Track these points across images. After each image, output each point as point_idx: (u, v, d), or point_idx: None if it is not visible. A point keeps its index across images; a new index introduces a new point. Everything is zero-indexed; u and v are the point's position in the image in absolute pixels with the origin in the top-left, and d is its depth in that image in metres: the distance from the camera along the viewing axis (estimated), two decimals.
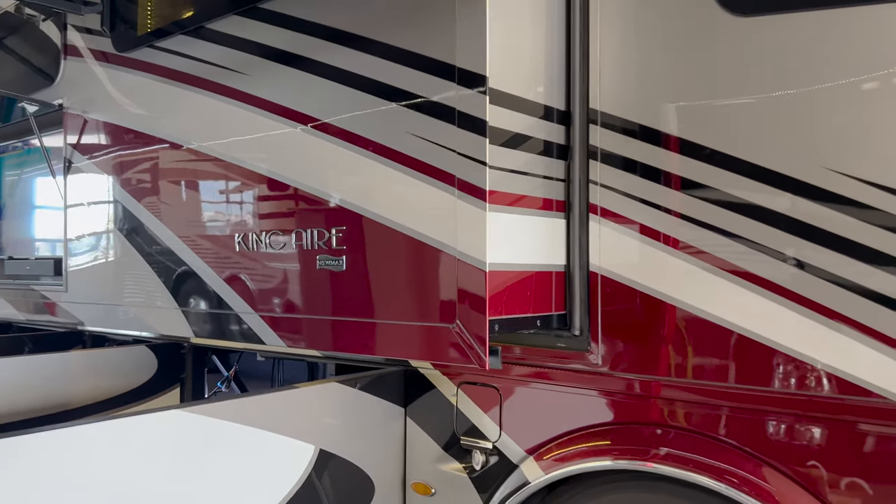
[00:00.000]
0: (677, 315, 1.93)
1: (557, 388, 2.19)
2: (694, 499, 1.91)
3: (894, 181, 1.61)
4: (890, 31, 1.63)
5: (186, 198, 2.67)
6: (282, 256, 2.30)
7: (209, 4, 2.54)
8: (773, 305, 1.77)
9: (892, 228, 1.61)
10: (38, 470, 1.67)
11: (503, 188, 1.92)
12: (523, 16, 1.99)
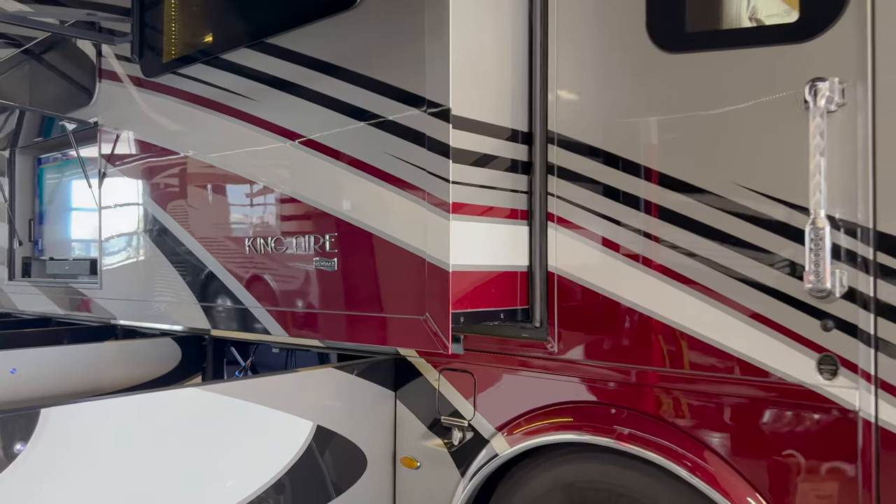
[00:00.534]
0: (620, 309, 2.24)
1: (522, 372, 2.51)
2: (634, 468, 2.22)
3: (781, 193, 1.91)
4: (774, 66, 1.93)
5: (203, 205, 3.04)
6: (284, 258, 2.66)
7: (223, 37, 2.91)
8: (696, 301, 2.08)
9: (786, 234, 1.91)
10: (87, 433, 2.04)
11: (467, 200, 2.26)
12: (488, 51, 2.32)
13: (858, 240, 1.81)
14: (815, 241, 1.81)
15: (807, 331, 1.88)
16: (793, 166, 1.88)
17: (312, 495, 2.61)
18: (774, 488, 1.95)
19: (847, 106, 1.83)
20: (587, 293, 2.32)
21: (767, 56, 1.97)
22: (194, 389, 2.39)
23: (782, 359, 1.92)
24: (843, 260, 1.82)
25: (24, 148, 4.41)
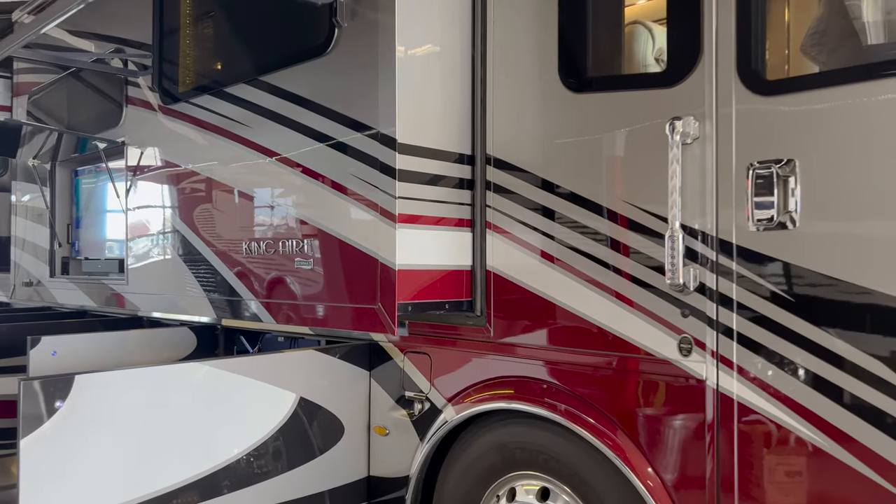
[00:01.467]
0: (540, 301, 2.74)
1: (467, 353, 3.02)
2: (548, 429, 2.72)
3: (653, 207, 2.40)
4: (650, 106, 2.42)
5: (208, 213, 3.60)
6: (273, 258, 3.21)
7: (225, 74, 3.47)
8: (595, 295, 2.57)
9: (656, 240, 2.39)
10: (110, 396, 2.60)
11: (417, 212, 2.78)
12: (434, 91, 2.83)
13: (706, 245, 2.29)
14: (673, 246, 2.30)
15: (671, 317, 2.37)
16: (661, 186, 2.37)
17: (299, 452, 3.15)
18: (650, 441, 2.44)
19: (700, 139, 2.31)
20: (516, 288, 2.82)
21: (645, 98, 2.45)
22: (201, 364, 2.95)
23: (655, 340, 2.41)
24: (696, 261, 2.31)
25: (63, 162, 5.05)
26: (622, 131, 2.50)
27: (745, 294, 2.20)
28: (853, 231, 1.99)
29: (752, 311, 2.18)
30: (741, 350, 2.21)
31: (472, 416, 2.95)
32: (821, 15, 2.31)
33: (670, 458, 2.38)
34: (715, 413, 2.27)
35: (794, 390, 2.10)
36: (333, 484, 3.30)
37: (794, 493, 2.11)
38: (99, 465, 2.58)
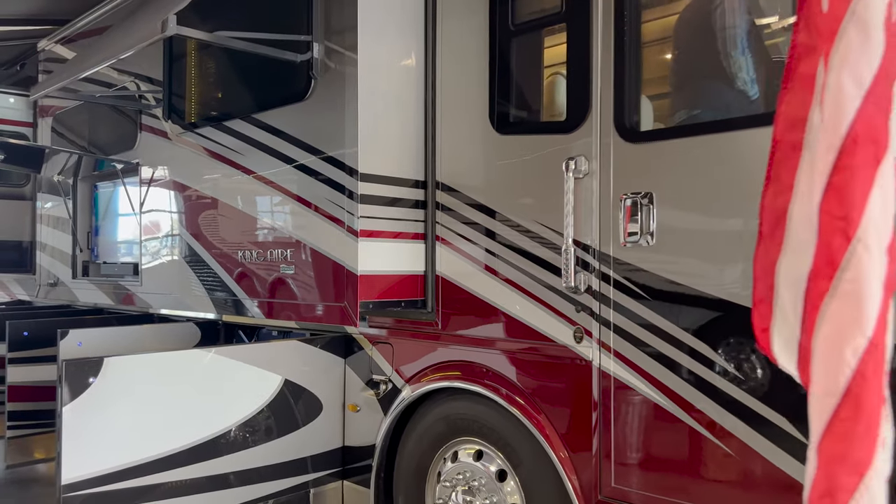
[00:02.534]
0: (476, 300, 3.41)
1: (422, 342, 3.69)
2: (482, 402, 3.38)
3: (555, 225, 3.07)
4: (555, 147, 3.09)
5: (209, 224, 4.29)
6: (263, 264, 3.89)
7: (224, 110, 4.16)
8: (516, 295, 3.24)
9: (557, 252, 3.06)
10: (132, 374, 3.28)
11: (377, 228, 3.46)
12: (392, 130, 3.51)
13: (591, 256, 2.96)
14: (567, 256, 2.97)
15: (569, 312, 3.04)
16: (560, 209, 3.03)
17: (284, 424, 3.82)
18: (553, 408, 3.11)
19: (588, 174, 2.98)
20: (459, 290, 3.50)
21: (551, 140, 3.13)
22: (205, 351, 3.64)
23: (558, 330, 3.08)
24: (585, 269, 2.98)
25: (84, 178, 5.75)
26: (534, 165, 3.18)
27: (618, 294, 2.87)
28: (689, 246, 2.67)
29: (623, 307, 2.85)
30: (616, 338, 2.88)
31: (424, 393, 3.63)
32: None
33: (567, 420, 3.06)
34: (598, 386, 2.95)
35: (650, 367, 2.77)
36: (314, 451, 3.98)
37: (649, 439, 2.78)
38: (122, 428, 3.26)
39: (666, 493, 2.74)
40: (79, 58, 3.99)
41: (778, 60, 2.77)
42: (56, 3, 5.85)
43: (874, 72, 1.16)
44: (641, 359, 2.80)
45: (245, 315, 4.08)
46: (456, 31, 3.52)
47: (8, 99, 7.60)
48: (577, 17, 3.02)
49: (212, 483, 3.54)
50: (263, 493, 3.76)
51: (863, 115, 1.15)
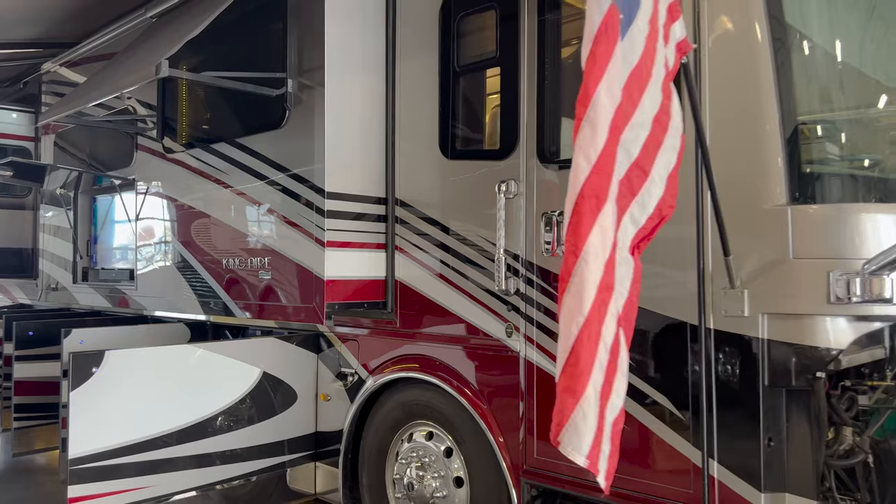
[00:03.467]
0: (428, 302, 3.95)
1: (383, 339, 4.22)
2: (433, 390, 3.92)
3: (491, 238, 3.61)
4: (492, 172, 3.63)
5: (198, 234, 4.82)
6: (245, 271, 4.42)
7: (211, 134, 4.70)
8: (460, 298, 3.78)
9: (492, 259, 3.60)
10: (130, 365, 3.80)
11: (343, 240, 3.99)
12: (356, 155, 4.05)
13: (519, 263, 3.50)
14: (499, 264, 3.52)
15: (502, 311, 3.58)
16: (494, 224, 3.58)
17: (263, 411, 4.34)
18: (490, 395, 3.64)
19: (517, 195, 3.53)
20: (414, 292, 4.03)
21: (488, 166, 3.67)
22: (192, 346, 4.16)
23: (493, 327, 3.62)
24: (515, 274, 3.52)
25: (84, 191, 6.27)
26: (474, 186, 3.72)
27: (539, 296, 3.42)
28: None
29: (543, 307, 3.40)
30: (538, 332, 3.42)
31: (385, 383, 4.16)
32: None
33: (501, 403, 3.59)
34: (524, 373, 3.49)
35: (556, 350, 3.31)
36: (290, 435, 4.50)
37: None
38: (120, 411, 3.77)
39: None
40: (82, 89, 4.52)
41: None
42: (60, 27, 6.38)
43: (598, 152, 1.73)
44: (553, 347, 3.33)
45: (229, 315, 4.61)
46: (411, 70, 4.07)
47: (11, 115, 8.14)
48: (507, 60, 3.58)
49: (199, 461, 4.06)
50: (245, 471, 4.28)
51: (589, 181, 1.72)
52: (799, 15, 2.93)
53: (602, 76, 1.76)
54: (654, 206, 2.02)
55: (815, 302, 2.63)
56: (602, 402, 1.84)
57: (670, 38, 2.08)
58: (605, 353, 1.84)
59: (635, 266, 2.02)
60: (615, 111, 1.80)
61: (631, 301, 2.01)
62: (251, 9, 4.29)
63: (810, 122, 2.82)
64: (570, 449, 1.84)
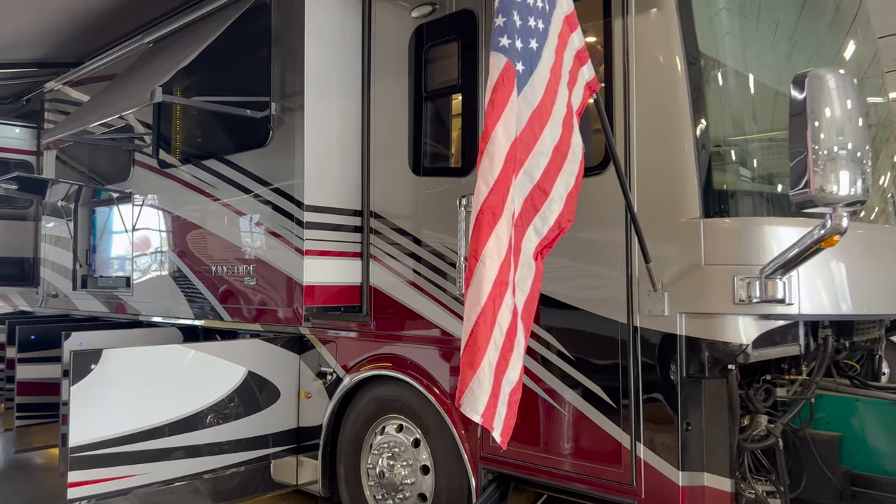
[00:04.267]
0: (399, 305, 4.33)
1: (359, 340, 4.60)
2: (404, 387, 4.28)
3: (453, 246, 3.99)
4: (454, 188, 4.02)
5: (189, 243, 5.21)
6: (232, 278, 4.80)
7: (201, 151, 5.09)
8: (426, 300, 4.16)
9: (454, 266, 3.98)
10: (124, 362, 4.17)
11: (321, 248, 4.38)
12: (333, 170, 4.44)
13: None
14: (459, 270, 3.90)
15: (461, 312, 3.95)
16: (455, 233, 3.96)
17: (248, 406, 4.71)
18: (453, 390, 4.02)
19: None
20: (386, 297, 4.41)
21: (451, 182, 4.06)
22: (183, 346, 4.53)
23: (456, 327, 3.99)
24: None
25: (84, 203, 6.66)
26: (439, 201, 4.12)
27: None
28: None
29: None
30: None
31: (360, 380, 4.53)
32: None
33: None
34: None
35: None
36: (273, 430, 4.86)
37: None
38: (116, 405, 4.14)
39: (525, 445, 3.65)
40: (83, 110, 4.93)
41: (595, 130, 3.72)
42: (61, 49, 6.79)
43: (495, 178, 2.13)
44: None
45: (218, 319, 4.98)
46: (385, 94, 4.47)
47: (14, 130, 8.52)
48: (467, 88, 3.98)
49: (189, 452, 4.42)
50: (232, 462, 4.64)
51: (487, 201, 2.13)
52: (714, 48, 3.34)
53: (499, 118, 2.16)
54: (554, 220, 2.43)
55: (723, 303, 3.01)
56: (498, 374, 2.23)
57: (578, 79, 2.48)
58: (501, 336, 2.23)
59: (537, 269, 2.42)
60: (511, 145, 2.20)
61: (532, 296, 2.41)
62: (238, 37, 4.69)
63: (721, 145, 3.21)
64: (469, 409, 2.25)
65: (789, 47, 3.80)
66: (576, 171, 2.48)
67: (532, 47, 2.29)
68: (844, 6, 4.50)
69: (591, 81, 2.57)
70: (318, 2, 4.38)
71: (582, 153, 2.52)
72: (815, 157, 2.44)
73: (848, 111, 2.48)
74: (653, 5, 3.24)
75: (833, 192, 2.46)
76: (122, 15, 5.80)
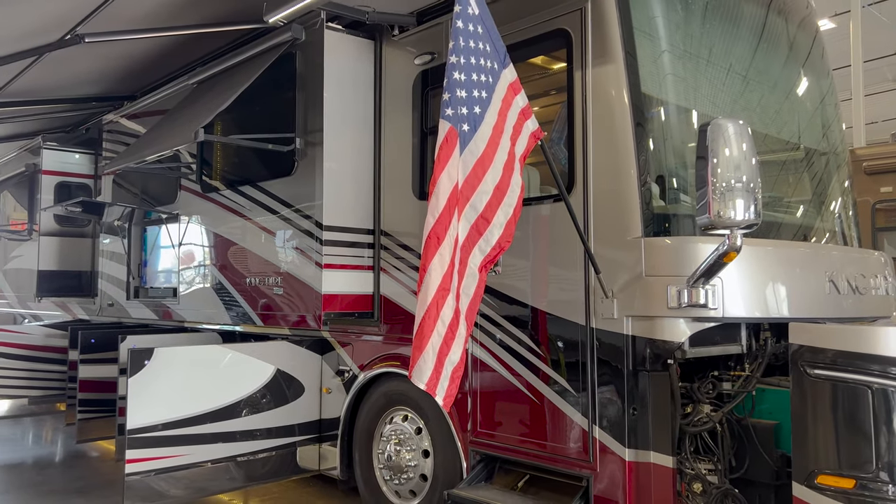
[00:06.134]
0: (405, 311, 5.00)
1: (371, 342, 5.29)
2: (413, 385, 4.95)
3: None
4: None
5: (227, 258, 5.98)
6: (264, 287, 5.55)
7: (238, 178, 5.87)
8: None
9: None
10: (174, 359, 4.92)
11: (338, 262, 5.09)
12: (348, 195, 5.16)
13: None
14: None
15: None
16: None
17: (276, 398, 5.43)
18: None
19: None
20: (394, 305, 5.10)
21: None
22: (221, 346, 5.28)
23: None
24: None
25: (136, 222, 7.52)
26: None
27: (482, 306, 4.45)
28: (519, 275, 4.25)
29: (482, 314, 4.43)
30: (480, 332, 4.45)
31: (372, 377, 5.22)
32: None
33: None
34: (471, 366, 4.51)
35: (496, 350, 4.33)
36: (299, 421, 5.58)
37: (496, 396, 4.34)
38: (166, 395, 4.89)
39: (505, 429, 4.29)
40: (137, 146, 5.77)
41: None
42: (117, 85, 7.69)
43: (439, 212, 2.82)
44: (493, 346, 4.37)
45: (250, 323, 5.73)
46: (393, 129, 5.19)
47: (75, 156, 9.48)
48: None
49: (226, 437, 5.16)
50: (263, 447, 5.37)
51: (433, 229, 2.82)
52: (657, 88, 3.96)
53: (444, 168, 2.86)
54: (495, 242, 3.10)
55: (660, 307, 3.62)
56: (441, 356, 2.91)
57: (523, 131, 3.15)
58: (444, 328, 2.90)
59: (480, 279, 3.09)
60: (452, 188, 2.89)
61: (475, 300, 3.08)
62: (268, 82, 5.46)
63: (661, 175, 3.83)
64: (416, 380, 2.96)
65: (741, 83, 4.40)
66: (514, 203, 3.15)
67: (476, 112, 2.97)
68: (799, 43, 5.08)
69: (536, 131, 3.23)
70: (335, 52, 5.12)
71: (521, 190, 3.19)
72: (714, 189, 3.06)
73: (744, 152, 3.10)
74: (604, 55, 3.89)
75: (731, 216, 3.07)
76: (170, 57, 6.65)
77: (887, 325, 3.21)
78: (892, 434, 2.97)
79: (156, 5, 5.25)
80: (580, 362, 3.92)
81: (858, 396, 3.04)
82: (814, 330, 3.25)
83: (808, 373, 3.21)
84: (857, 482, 3.00)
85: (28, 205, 9.87)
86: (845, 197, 5.07)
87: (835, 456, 3.12)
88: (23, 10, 4.64)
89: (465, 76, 2.96)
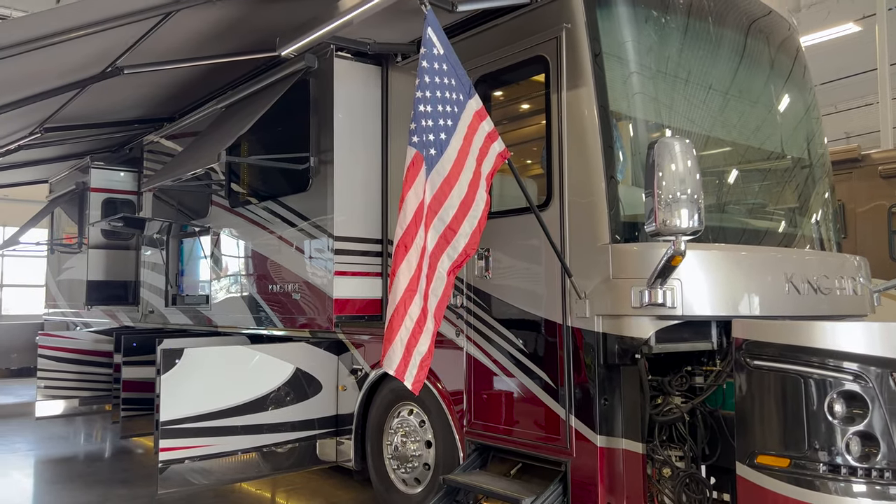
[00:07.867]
0: None
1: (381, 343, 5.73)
2: None
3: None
4: None
5: (252, 267, 6.52)
6: (285, 293, 6.07)
7: (262, 194, 6.42)
8: None
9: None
10: (203, 359, 5.46)
11: (350, 270, 5.58)
12: (358, 208, 5.65)
13: (462, 284, 4.97)
14: None
15: (453, 319, 5.04)
16: None
17: (297, 395, 5.92)
18: (448, 381, 5.10)
19: None
20: None
21: None
22: (245, 347, 5.81)
23: (449, 330, 5.08)
24: (461, 292, 4.98)
25: (174, 235, 8.15)
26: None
27: (474, 306, 4.88)
28: (508, 278, 4.66)
29: (477, 315, 4.86)
30: (474, 332, 4.88)
31: (382, 375, 5.67)
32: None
33: (452, 385, 5.04)
34: (466, 363, 4.94)
35: (488, 348, 4.75)
36: (317, 415, 6.07)
37: (488, 391, 4.75)
38: (196, 391, 5.43)
39: (497, 421, 4.70)
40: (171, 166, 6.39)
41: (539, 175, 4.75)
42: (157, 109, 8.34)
43: (406, 225, 3.26)
44: (484, 344, 4.79)
45: (272, 326, 6.26)
46: (399, 147, 5.66)
47: (119, 174, 10.19)
48: None
49: (252, 429, 5.67)
50: (285, 440, 5.87)
51: (401, 239, 3.25)
52: (626, 107, 4.35)
53: (411, 187, 3.30)
54: (462, 249, 3.52)
55: (626, 307, 3.99)
56: (409, 347, 3.34)
57: (489, 152, 3.58)
58: (411, 323, 3.34)
59: (448, 282, 3.52)
60: (419, 204, 3.33)
61: (442, 300, 3.51)
62: (286, 106, 5.99)
63: (627, 187, 4.21)
64: (387, 367, 3.41)
65: (705, 99, 4.75)
66: (479, 215, 3.57)
67: (442, 138, 3.42)
68: (780, 61, 5.39)
69: (503, 152, 3.66)
70: (344, 78, 5.63)
71: (485, 204, 3.62)
72: (660, 199, 3.44)
73: (689, 167, 3.47)
74: (577, 79, 4.29)
75: (676, 224, 3.44)
76: (200, 83, 7.26)
77: (828, 322, 3.53)
78: (819, 417, 3.30)
79: (185, 40, 5.83)
80: (558, 357, 4.31)
81: (790, 384, 3.38)
82: (753, 325, 3.59)
83: (748, 363, 3.55)
84: (791, 461, 3.33)
85: (78, 220, 10.64)
86: (825, 206, 5.36)
87: (772, 438, 3.45)
88: (67, 50, 5.24)
89: (431, 108, 3.41)
